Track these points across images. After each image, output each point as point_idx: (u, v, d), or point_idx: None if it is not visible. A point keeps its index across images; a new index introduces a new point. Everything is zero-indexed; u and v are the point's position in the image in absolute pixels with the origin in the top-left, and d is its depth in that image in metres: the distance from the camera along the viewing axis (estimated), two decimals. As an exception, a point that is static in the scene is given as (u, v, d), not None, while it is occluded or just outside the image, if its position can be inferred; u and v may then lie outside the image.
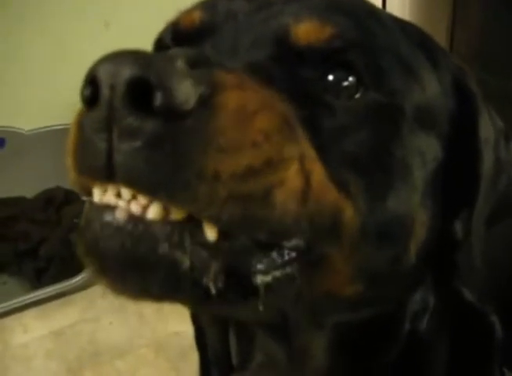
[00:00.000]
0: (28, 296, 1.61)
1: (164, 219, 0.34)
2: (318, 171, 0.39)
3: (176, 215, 0.34)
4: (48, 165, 1.52)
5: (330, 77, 0.42)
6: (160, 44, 0.51)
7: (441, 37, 1.31)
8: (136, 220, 0.34)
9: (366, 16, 0.46)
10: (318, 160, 0.39)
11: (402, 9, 1.30)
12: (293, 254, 0.38)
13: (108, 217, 0.35)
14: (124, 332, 1.49)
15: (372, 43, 0.44)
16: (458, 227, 0.52)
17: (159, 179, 0.32)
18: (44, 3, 1.90)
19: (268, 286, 0.37)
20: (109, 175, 0.33)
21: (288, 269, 0.38)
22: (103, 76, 0.32)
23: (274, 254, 0.38)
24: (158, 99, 0.31)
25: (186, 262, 0.34)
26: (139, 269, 0.34)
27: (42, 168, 1.83)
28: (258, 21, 0.44)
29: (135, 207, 0.34)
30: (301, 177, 0.37)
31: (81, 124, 0.35)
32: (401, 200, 0.44)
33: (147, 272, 0.34)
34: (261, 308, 0.38)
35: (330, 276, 0.42)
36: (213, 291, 0.35)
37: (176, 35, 0.48)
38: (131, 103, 0.32)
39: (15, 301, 1.60)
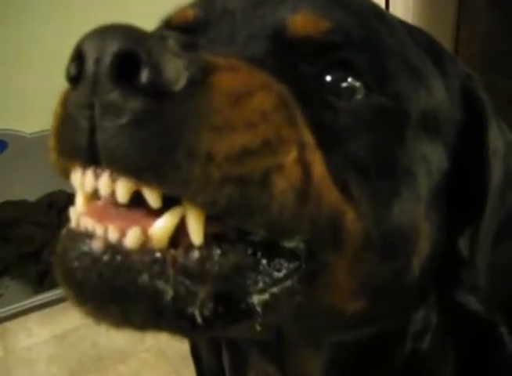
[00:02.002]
0: (31, 300, 1.61)
1: (144, 247, 0.32)
2: (318, 164, 0.37)
3: (157, 241, 0.32)
4: (50, 168, 1.51)
5: (328, 78, 0.40)
6: None
7: (445, 39, 1.30)
8: (114, 249, 0.32)
9: (372, 15, 0.44)
10: (317, 150, 0.37)
11: (405, 11, 1.29)
12: (292, 266, 0.36)
13: (85, 247, 0.33)
14: (126, 336, 1.48)
15: (376, 43, 0.42)
16: (462, 244, 0.50)
17: (146, 160, 0.30)
18: (46, 5, 1.90)
19: (265, 305, 0.35)
20: (90, 155, 0.32)
21: (287, 283, 0.36)
22: (89, 49, 0.31)
23: (271, 267, 0.35)
24: (145, 75, 0.29)
25: (169, 292, 0.32)
26: (119, 301, 0.32)
27: (45, 171, 1.80)
28: (255, 17, 0.42)
29: (113, 234, 0.32)
30: (300, 166, 0.35)
31: (65, 102, 0.33)
32: (405, 209, 0.42)
33: (127, 304, 0.32)
34: (258, 328, 0.36)
35: (332, 290, 0.40)
36: (199, 320, 0.32)
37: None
38: (116, 78, 0.30)
39: (18, 304, 1.60)
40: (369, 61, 0.41)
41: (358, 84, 0.40)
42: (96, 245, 0.32)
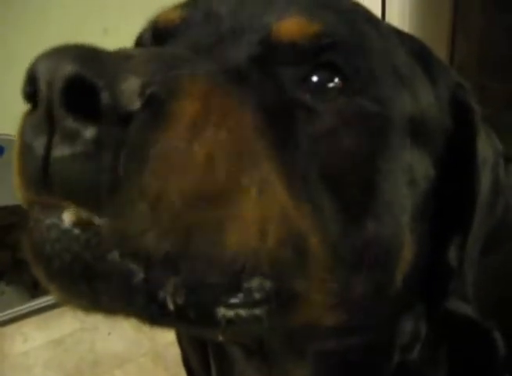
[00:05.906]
0: (28, 305, 1.60)
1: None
2: (279, 202, 0.35)
3: None
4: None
5: (314, 78, 0.39)
6: (139, 41, 0.48)
7: (441, 46, 1.31)
8: (85, 223, 0.30)
9: (362, 19, 0.44)
10: (281, 187, 0.35)
11: (402, 18, 1.29)
12: (262, 296, 0.34)
13: (54, 219, 0.31)
14: (122, 341, 1.48)
15: (363, 46, 0.41)
16: (452, 254, 0.48)
17: (92, 194, 0.29)
18: (44, 10, 1.90)
19: (230, 321, 0.33)
20: (45, 186, 0.30)
21: (256, 311, 0.34)
22: (41, 72, 0.29)
23: (240, 292, 0.33)
24: (102, 99, 0.28)
25: (141, 273, 0.30)
26: (87, 279, 0.30)
27: (41, 176, 1.82)
28: (241, 20, 0.41)
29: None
30: (258, 211, 0.33)
31: (23, 128, 0.32)
32: (385, 221, 0.40)
33: (96, 282, 0.30)
34: (220, 338, 0.35)
35: (306, 310, 0.38)
36: (171, 307, 0.30)
37: (156, 33, 0.45)
38: (67, 104, 0.28)
39: (14, 309, 1.59)
40: (354, 64, 0.40)
41: (342, 86, 0.39)
42: (66, 217, 0.31)
